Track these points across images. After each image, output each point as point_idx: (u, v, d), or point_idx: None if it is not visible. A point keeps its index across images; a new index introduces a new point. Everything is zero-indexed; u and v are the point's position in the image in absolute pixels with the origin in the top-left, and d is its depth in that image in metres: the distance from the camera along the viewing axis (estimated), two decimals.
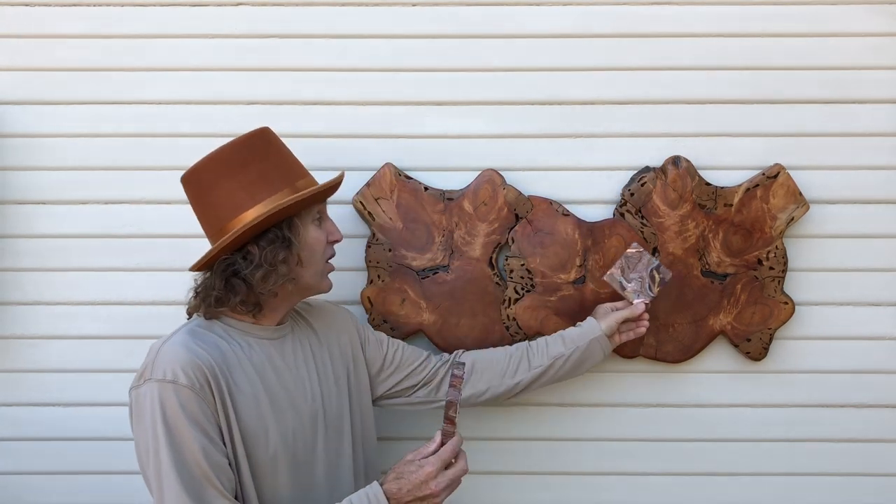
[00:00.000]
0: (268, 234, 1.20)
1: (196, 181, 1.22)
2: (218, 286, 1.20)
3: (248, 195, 1.19)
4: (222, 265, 1.20)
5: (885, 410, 1.68)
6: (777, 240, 1.60)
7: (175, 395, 1.09)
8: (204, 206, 1.22)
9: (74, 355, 1.66)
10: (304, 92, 1.63)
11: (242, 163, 1.20)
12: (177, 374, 1.10)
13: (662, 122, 1.62)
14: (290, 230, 1.21)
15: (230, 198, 1.19)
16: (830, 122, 1.62)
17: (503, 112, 1.63)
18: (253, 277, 1.18)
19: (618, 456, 1.69)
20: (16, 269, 1.65)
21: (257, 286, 1.19)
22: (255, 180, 1.20)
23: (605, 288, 1.60)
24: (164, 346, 1.15)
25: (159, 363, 1.12)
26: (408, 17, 1.61)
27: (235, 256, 1.19)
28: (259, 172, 1.20)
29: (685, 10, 1.61)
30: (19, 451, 1.68)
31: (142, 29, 1.62)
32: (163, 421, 1.08)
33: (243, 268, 1.18)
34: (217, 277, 1.20)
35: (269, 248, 1.19)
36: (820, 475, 1.69)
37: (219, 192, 1.19)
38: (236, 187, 1.19)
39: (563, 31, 1.61)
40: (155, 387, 1.10)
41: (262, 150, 1.22)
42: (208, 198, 1.21)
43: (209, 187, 1.20)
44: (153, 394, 1.09)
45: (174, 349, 1.13)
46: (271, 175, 1.21)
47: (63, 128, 1.63)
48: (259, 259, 1.18)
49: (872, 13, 1.61)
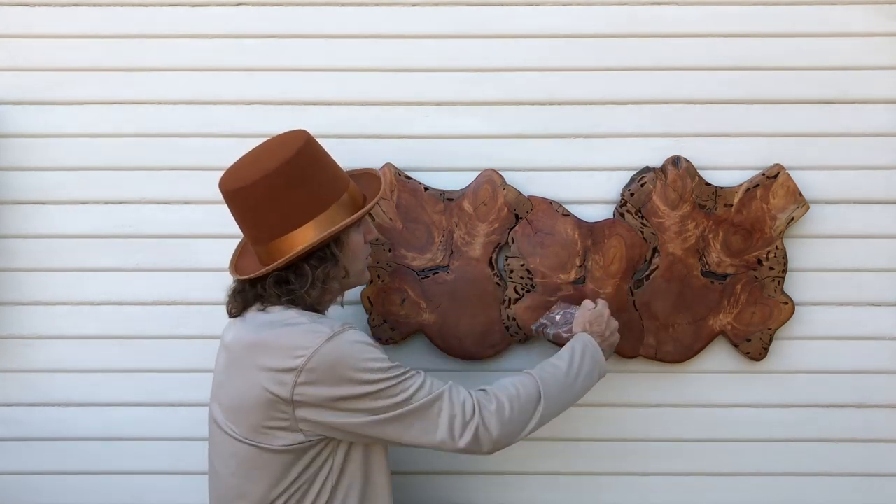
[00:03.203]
0: (317, 252, 1.24)
1: (244, 197, 1.22)
2: (276, 293, 1.24)
3: (301, 213, 1.22)
4: (275, 278, 1.23)
5: (885, 410, 1.68)
6: (777, 240, 1.60)
7: (358, 333, 1.21)
8: (252, 220, 1.24)
9: (74, 355, 1.66)
10: (304, 92, 1.62)
11: (293, 183, 1.21)
12: (347, 325, 1.21)
13: (662, 122, 1.62)
14: (337, 247, 1.26)
15: (282, 216, 1.22)
16: (830, 122, 1.62)
17: (503, 112, 1.63)
18: (310, 296, 1.24)
19: (618, 456, 1.69)
20: (15, 269, 1.65)
21: (315, 302, 1.26)
22: (307, 199, 1.23)
23: (604, 288, 1.60)
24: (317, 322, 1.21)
25: (348, 335, 1.19)
26: (408, 17, 1.61)
27: (287, 273, 1.23)
28: (309, 192, 1.23)
29: (685, 10, 1.61)
30: (19, 451, 1.68)
31: (142, 29, 1.62)
32: (375, 351, 1.19)
33: (298, 286, 1.23)
34: (272, 288, 1.24)
35: (321, 267, 1.24)
36: (820, 475, 1.69)
37: (266, 212, 1.22)
38: (289, 206, 1.22)
39: (563, 31, 1.61)
40: (352, 331, 1.20)
41: (311, 167, 1.24)
42: (258, 213, 1.23)
43: (254, 208, 1.22)
44: (354, 335, 1.19)
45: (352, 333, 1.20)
46: (322, 191, 1.25)
47: (63, 128, 1.63)
48: (312, 278, 1.23)
49: (872, 13, 1.61)
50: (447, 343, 1.61)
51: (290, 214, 1.22)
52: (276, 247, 1.23)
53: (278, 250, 1.23)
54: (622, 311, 1.60)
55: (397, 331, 1.61)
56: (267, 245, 1.24)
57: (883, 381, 1.67)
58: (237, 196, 1.23)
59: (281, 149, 1.25)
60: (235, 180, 1.23)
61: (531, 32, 1.61)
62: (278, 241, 1.22)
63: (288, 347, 1.17)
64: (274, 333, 1.20)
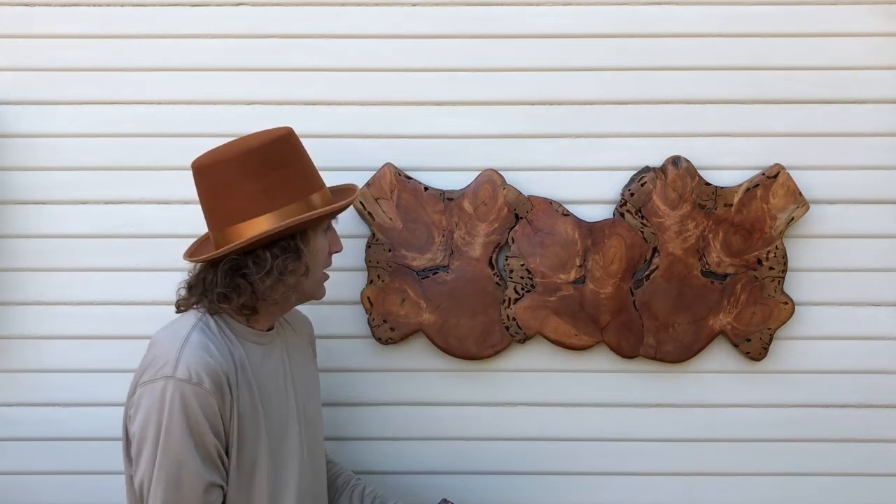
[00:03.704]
0: (281, 241, 1.19)
1: (213, 174, 1.19)
2: (222, 283, 1.18)
3: (267, 200, 1.18)
4: (230, 263, 1.18)
5: (885, 410, 1.68)
6: (777, 240, 1.60)
7: (199, 399, 1.09)
8: (217, 199, 1.20)
9: (74, 355, 1.66)
10: (304, 92, 1.62)
11: (266, 165, 1.18)
12: (202, 378, 1.10)
13: (662, 122, 1.62)
14: (303, 241, 1.21)
15: (248, 199, 1.17)
16: (830, 122, 1.62)
17: (503, 112, 1.63)
18: (263, 283, 1.17)
19: (618, 456, 1.69)
20: (16, 269, 1.65)
21: (264, 292, 1.19)
22: (277, 186, 1.18)
23: (604, 288, 1.60)
24: (185, 346, 1.12)
25: (182, 362, 1.10)
26: (408, 17, 1.61)
27: (246, 258, 1.18)
28: (281, 179, 1.19)
29: (685, 10, 1.61)
30: (19, 451, 1.68)
31: (142, 29, 1.62)
32: (183, 422, 1.07)
33: (253, 272, 1.17)
34: (221, 274, 1.18)
35: (282, 257, 1.18)
36: (820, 475, 1.69)
37: (237, 191, 1.18)
38: (257, 190, 1.17)
39: (563, 31, 1.61)
40: (178, 385, 1.08)
41: (287, 156, 1.21)
42: (224, 193, 1.19)
43: (227, 184, 1.18)
44: (175, 392, 1.08)
45: (196, 352, 1.12)
46: (293, 183, 1.21)
47: (63, 128, 1.63)
48: (270, 266, 1.17)
49: (872, 13, 1.61)
50: (447, 343, 1.61)
51: (261, 198, 1.17)
52: (237, 231, 1.18)
53: (239, 235, 1.18)
54: (622, 311, 1.60)
55: (397, 331, 1.61)
56: (230, 228, 1.18)
57: (883, 381, 1.67)
58: (210, 171, 1.19)
59: (265, 134, 1.23)
60: (211, 157, 1.20)
61: (531, 32, 1.61)
62: (241, 225, 1.17)
63: (140, 367, 1.15)
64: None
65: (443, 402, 1.68)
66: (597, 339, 1.61)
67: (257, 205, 1.17)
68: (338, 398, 1.68)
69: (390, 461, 1.69)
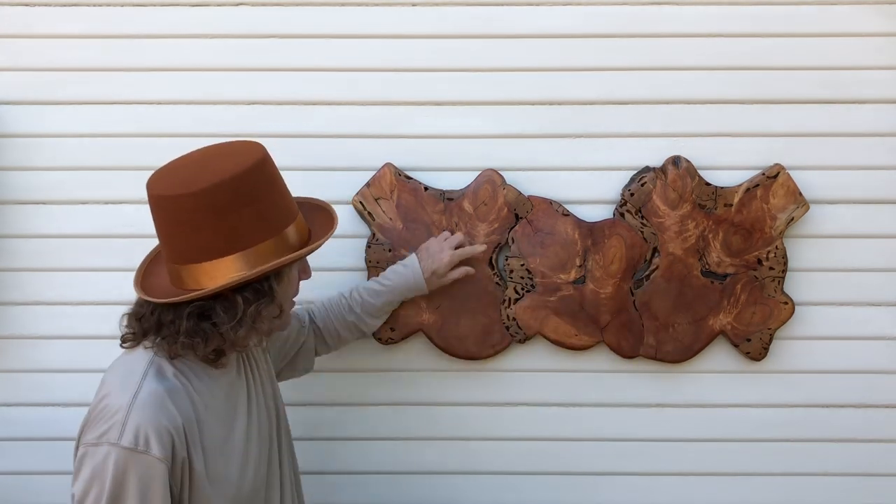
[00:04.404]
0: (255, 284, 1.06)
1: (175, 207, 1.03)
2: (185, 330, 1.04)
3: (238, 238, 1.04)
4: (195, 308, 1.04)
5: (885, 410, 1.68)
6: (777, 240, 1.60)
7: (145, 467, 0.98)
8: (180, 234, 1.05)
9: (74, 355, 1.66)
10: (304, 92, 1.62)
11: (237, 201, 1.03)
12: (149, 443, 0.98)
13: (662, 122, 1.62)
14: (277, 281, 1.10)
15: (217, 238, 1.03)
16: (830, 122, 1.62)
17: (503, 112, 1.63)
18: (234, 333, 1.05)
19: (618, 456, 1.69)
20: (16, 269, 1.65)
21: (235, 341, 1.06)
22: (249, 223, 1.05)
23: (604, 288, 1.60)
24: (134, 402, 1.00)
25: (130, 426, 0.98)
26: (408, 17, 1.61)
27: (214, 304, 1.04)
28: (254, 214, 1.05)
29: (685, 10, 1.61)
30: (19, 451, 1.68)
31: (142, 29, 1.62)
32: (124, 495, 0.97)
33: (223, 320, 1.04)
34: (186, 321, 1.04)
35: (256, 303, 1.06)
36: (820, 475, 1.69)
37: (204, 228, 1.03)
38: (227, 227, 1.03)
39: (563, 31, 1.61)
40: (122, 454, 0.97)
41: (259, 188, 1.06)
42: (188, 228, 1.04)
43: (191, 220, 1.03)
44: (118, 462, 0.97)
45: (146, 411, 0.99)
46: (267, 217, 1.07)
47: (63, 128, 1.63)
48: (242, 313, 1.05)
49: (872, 13, 1.61)
50: (447, 343, 1.61)
51: (230, 235, 1.03)
52: (205, 270, 1.04)
53: (206, 275, 1.04)
54: (622, 311, 1.60)
55: (397, 331, 1.61)
56: (193, 265, 1.04)
57: (883, 381, 1.67)
58: (174, 203, 1.02)
59: (236, 158, 1.07)
60: (174, 185, 1.04)
61: (531, 32, 1.61)
62: (209, 263, 1.03)
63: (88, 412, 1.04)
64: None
65: (443, 402, 1.68)
66: (597, 339, 1.61)
67: (227, 244, 1.03)
68: (338, 398, 1.68)
69: (390, 461, 1.69)
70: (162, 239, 1.09)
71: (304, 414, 1.67)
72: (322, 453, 1.69)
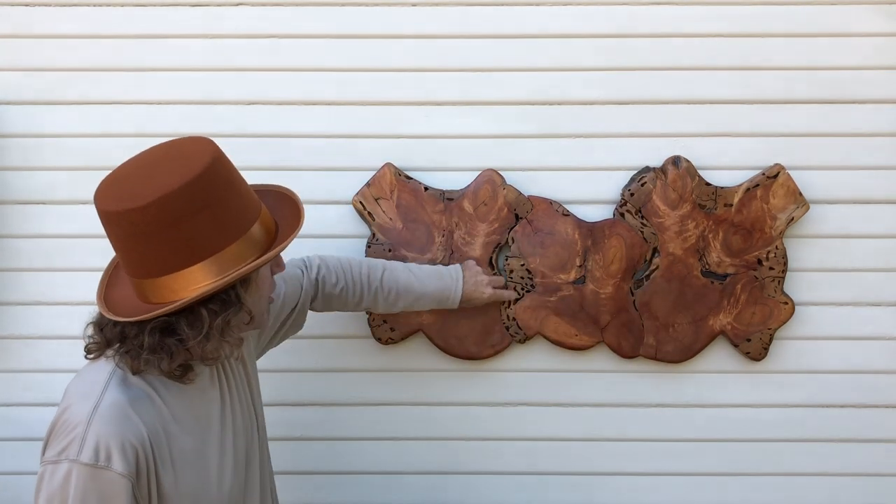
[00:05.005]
0: (220, 294, 1.00)
1: (125, 223, 0.96)
2: (148, 345, 0.98)
3: (198, 247, 0.97)
4: (158, 323, 0.98)
5: (885, 410, 1.68)
6: (777, 240, 1.60)
7: (106, 483, 0.93)
8: (135, 249, 0.98)
9: (74, 355, 1.65)
10: (304, 92, 1.62)
11: (190, 210, 0.96)
12: (111, 458, 0.93)
13: (662, 122, 1.62)
14: (244, 288, 1.03)
15: (173, 250, 0.97)
16: (830, 122, 1.62)
17: (503, 112, 1.63)
18: (202, 348, 0.99)
19: (618, 456, 1.69)
20: (16, 269, 1.65)
21: (203, 354, 1.00)
22: (207, 230, 0.97)
23: (604, 288, 1.60)
24: (94, 414, 0.94)
25: (90, 440, 0.93)
26: (408, 17, 1.61)
27: (178, 318, 0.98)
28: (211, 220, 0.97)
29: (685, 10, 1.61)
30: (19, 451, 1.68)
31: (142, 29, 1.62)
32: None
33: (189, 336, 0.98)
34: (147, 335, 0.98)
35: (222, 314, 1.00)
36: (820, 475, 1.69)
37: (158, 242, 0.96)
38: (183, 238, 0.96)
39: (563, 31, 1.61)
40: (82, 472, 0.92)
41: (213, 192, 0.98)
42: (142, 243, 0.97)
43: (144, 234, 0.96)
44: (78, 479, 0.92)
45: (107, 424, 0.94)
46: (225, 222, 0.99)
47: (63, 128, 1.63)
48: (208, 327, 0.98)
49: (872, 13, 1.61)
50: (447, 343, 1.61)
51: (188, 246, 0.96)
52: (166, 284, 0.97)
53: (168, 288, 0.97)
54: (622, 311, 1.60)
55: (397, 331, 1.61)
56: (151, 280, 0.98)
57: (883, 381, 1.67)
58: (124, 218, 0.95)
59: (184, 162, 0.98)
60: (122, 198, 0.96)
61: (531, 32, 1.61)
62: (169, 277, 0.97)
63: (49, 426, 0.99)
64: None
65: (443, 402, 1.68)
66: (597, 339, 1.61)
67: (186, 255, 0.97)
68: (338, 398, 1.68)
69: (390, 461, 1.69)
70: (118, 254, 1.02)
71: (303, 414, 1.67)
72: (322, 453, 1.69)
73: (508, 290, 1.58)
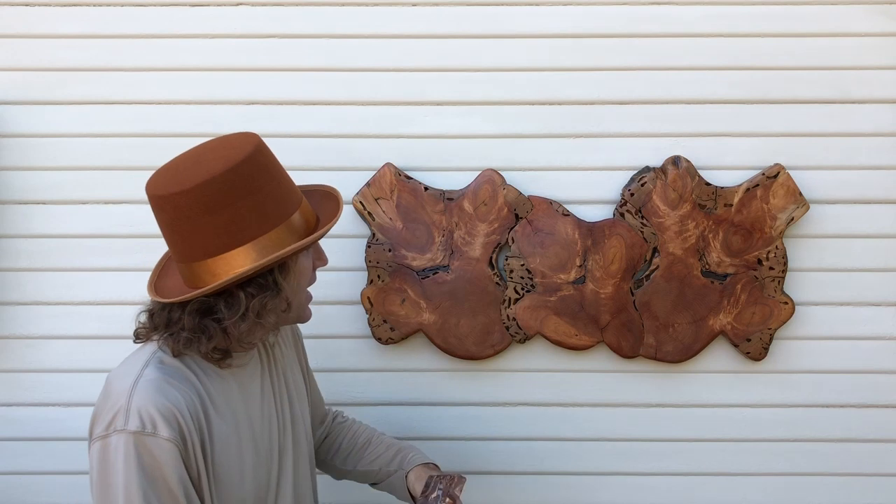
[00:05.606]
0: (258, 278, 1.04)
1: (171, 206, 1.01)
2: (189, 326, 1.03)
3: (238, 232, 1.02)
4: (198, 304, 1.03)
5: (885, 410, 1.68)
6: (777, 240, 1.60)
7: (156, 449, 0.96)
8: (180, 233, 1.03)
9: (74, 355, 1.66)
10: (304, 92, 1.62)
11: (232, 195, 1.01)
12: (156, 424, 0.97)
13: (662, 122, 1.62)
14: (282, 274, 1.06)
15: (215, 234, 1.01)
16: (830, 122, 1.62)
17: (503, 112, 1.63)
18: (237, 329, 1.03)
19: (618, 456, 1.69)
20: (15, 269, 1.65)
21: (239, 337, 1.05)
22: (248, 215, 1.02)
23: (604, 288, 1.60)
24: (136, 387, 0.99)
25: (134, 409, 0.97)
26: (408, 17, 1.61)
27: (217, 299, 1.03)
28: (252, 206, 1.02)
29: (685, 10, 1.61)
30: (19, 451, 1.68)
31: (142, 29, 1.62)
32: (142, 479, 0.95)
33: (225, 316, 1.03)
34: (187, 316, 1.03)
35: (259, 297, 1.04)
36: (820, 475, 1.69)
37: (201, 225, 1.01)
38: (224, 222, 1.01)
39: (563, 31, 1.61)
40: (130, 440, 0.95)
41: (255, 179, 1.03)
42: (187, 227, 1.02)
43: (189, 217, 1.01)
44: (129, 447, 0.95)
45: (149, 393, 0.98)
46: (266, 208, 1.04)
47: (63, 128, 1.63)
48: (245, 308, 1.03)
49: (872, 13, 1.61)
50: (447, 343, 1.61)
51: (230, 230, 1.01)
52: (208, 267, 1.02)
53: (209, 272, 1.02)
54: (622, 311, 1.60)
55: (397, 331, 1.61)
56: (197, 263, 1.03)
57: (883, 381, 1.67)
58: (170, 202, 1.00)
59: (228, 152, 1.04)
60: (169, 183, 1.02)
61: (531, 32, 1.61)
62: (211, 260, 1.02)
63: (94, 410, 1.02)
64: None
65: (443, 402, 1.68)
66: (597, 339, 1.61)
67: (228, 238, 1.01)
68: (338, 398, 1.68)
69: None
70: (165, 239, 1.07)
71: None
72: None
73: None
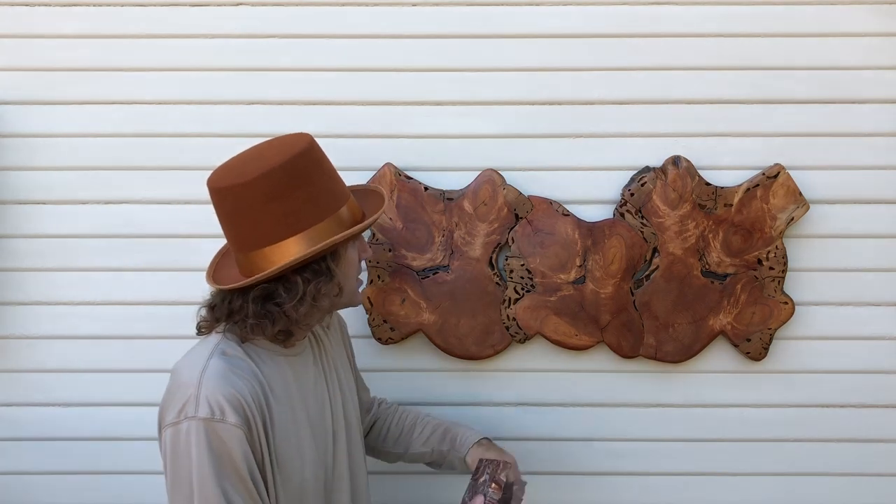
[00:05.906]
0: (312, 264, 1.13)
1: (232, 197, 1.10)
2: (254, 313, 1.11)
3: (295, 221, 1.10)
4: (260, 291, 1.11)
5: (885, 410, 1.68)
6: (777, 240, 1.60)
7: (224, 434, 1.02)
8: (239, 223, 1.12)
9: (74, 355, 1.66)
10: (304, 92, 1.62)
11: (290, 185, 1.09)
12: (224, 411, 1.03)
13: (662, 122, 1.62)
14: (334, 261, 1.15)
15: (274, 223, 1.10)
16: (830, 122, 1.62)
17: (503, 112, 1.63)
18: (296, 311, 1.11)
19: (618, 456, 1.69)
20: (16, 269, 1.65)
21: (299, 320, 1.13)
22: (303, 206, 1.11)
23: (604, 288, 1.60)
24: (203, 377, 1.05)
25: (203, 398, 1.03)
26: (408, 17, 1.61)
27: (276, 285, 1.11)
28: (307, 197, 1.11)
29: (685, 10, 1.61)
30: (19, 451, 1.68)
31: (142, 29, 1.62)
32: (213, 463, 1.01)
33: (285, 300, 1.11)
34: (252, 303, 1.11)
35: (314, 281, 1.12)
36: (820, 475, 1.69)
37: (261, 214, 1.09)
38: (283, 212, 1.09)
39: (563, 31, 1.61)
40: (201, 426, 1.02)
41: (311, 171, 1.13)
42: (247, 217, 1.10)
43: (249, 207, 1.09)
44: (199, 433, 1.01)
45: (216, 382, 1.05)
46: (319, 199, 1.13)
47: (63, 128, 1.63)
48: (302, 292, 1.11)
49: (872, 13, 1.61)
50: (447, 343, 1.61)
51: (287, 219, 1.10)
52: (264, 256, 1.10)
53: (266, 260, 1.10)
54: (622, 311, 1.60)
55: (397, 331, 1.61)
56: (255, 252, 1.11)
57: (883, 381, 1.67)
58: (230, 193, 1.09)
59: (284, 148, 1.14)
60: (231, 176, 1.10)
61: (531, 32, 1.61)
62: (267, 249, 1.10)
63: (163, 401, 1.08)
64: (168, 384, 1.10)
65: (443, 402, 1.68)
66: (597, 339, 1.61)
67: (284, 228, 1.10)
68: None
69: None
70: (225, 230, 1.15)
71: None
72: None
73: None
